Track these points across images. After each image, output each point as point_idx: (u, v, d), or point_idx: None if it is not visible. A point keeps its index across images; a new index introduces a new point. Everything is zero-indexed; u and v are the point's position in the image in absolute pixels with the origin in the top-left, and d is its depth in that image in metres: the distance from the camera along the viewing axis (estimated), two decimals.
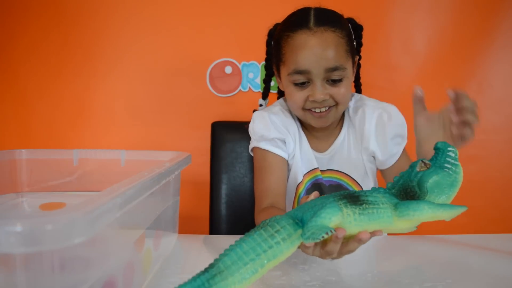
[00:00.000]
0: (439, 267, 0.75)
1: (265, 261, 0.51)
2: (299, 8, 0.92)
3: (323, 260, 0.77)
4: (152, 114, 1.49)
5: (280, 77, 0.94)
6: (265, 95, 1.06)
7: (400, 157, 0.93)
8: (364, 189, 0.94)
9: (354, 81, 1.03)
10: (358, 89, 1.04)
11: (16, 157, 0.87)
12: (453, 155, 0.58)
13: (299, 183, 0.95)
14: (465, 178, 0.61)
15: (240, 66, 1.47)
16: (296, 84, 0.87)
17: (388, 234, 0.91)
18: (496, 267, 0.75)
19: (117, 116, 1.49)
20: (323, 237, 0.49)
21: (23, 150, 0.88)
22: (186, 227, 1.04)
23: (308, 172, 0.95)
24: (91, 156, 0.89)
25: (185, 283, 0.49)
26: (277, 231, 0.53)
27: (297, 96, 0.88)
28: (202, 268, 0.50)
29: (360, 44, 0.97)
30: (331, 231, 0.50)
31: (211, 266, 0.50)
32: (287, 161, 0.96)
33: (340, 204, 0.54)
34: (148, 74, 1.48)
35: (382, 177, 0.99)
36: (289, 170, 0.97)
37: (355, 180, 0.94)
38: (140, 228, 0.60)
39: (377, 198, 0.56)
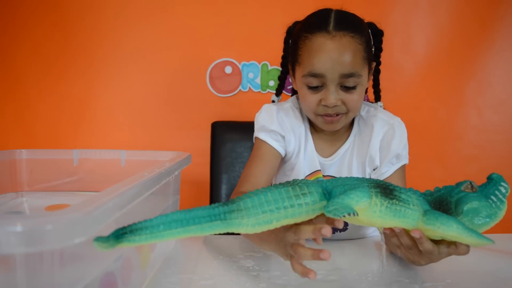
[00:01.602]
0: (439, 267, 0.74)
1: (282, 217, 0.53)
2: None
3: (323, 260, 0.77)
4: (152, 114, 1.49)
5: (294, 77, 0.93)
6: (278, 92, 1.04)
7: (390, 176, 0.91)
8: None
9: (373, 87, 1.01)
10: (377, 95, 1.01)
11: (16, 157, 0.87)
12: (503, 190, 0.57)
13: None
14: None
15: (240, 66, 1.47)
16: (309, 87, 0.86)
17: None
18: (496, 267, 0.75)
19: (118, 116, 1.49)
20: (344, 216, 0.49)
21: (23, 150, 0.88)
22: None
23: (310, 174, 0.95)
24: (91, 156, 0.89)
25: (204, 207, 0.50)
26: (303, 194, 0.53)
27: (310, 99, 0.87)
28: (202, 268, 0.50)
29: (379, 50, 0.95)
30: (354, 213, 0.50)
31: (232, 201, 0.52)
32: (285, 157, 0.96)
33: (372, 192, 0.54)
34: (149, 74, 1.48)
35: None
36: (291, 169, 0.97)
37: None
38: None
39: (410, 198, 0.56)
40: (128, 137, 1.49)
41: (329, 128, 0.91)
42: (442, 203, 0.57)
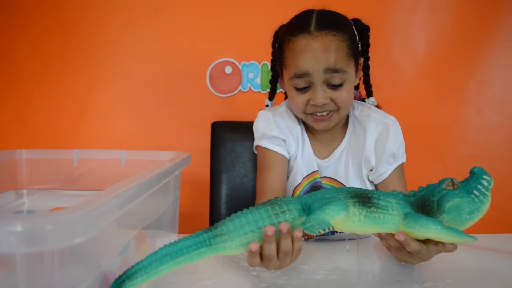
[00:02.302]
0: (439, 267, 0.75)
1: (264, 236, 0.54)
2: (302, 9, 0.92)
3: (323, 260, 0.77)
4: (152, 114, 1.49)
5: (283, 80, 0.94)
6: (271, 96, 1.06)
7: (389, 176, 0.92)
8: None
9: (364, 83, 1.01)
10: (369, 91, 1.02)
11: (16, 157, 0.87)
12: (486, 184, 0.57)
13: (298, 185, 0.95)
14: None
15: (240, 66, 1.46)
16: (297, 89, 0.87)
17: None
18: (496, 267, 0.75)
19: (118, 116, 1.49)
20: (319, 232, 0.51)
21: (23, 150, 0.88)
22: (186, 227, 1.04)
23: (308, 175, 0.95)
24: (91, 156, 0.89)
25: (190, 236, 0.53)
26: (283, 212, 0.55)
27: (298, 100, 0.88)
28: (202, 268, 0.51)
29: (367, 45, 0.96)
30: (328, 228, 0.51)
31: (215, 226, 0.54)
32: (288, 160, 0.96)
33: (349, 203, 0.55)
34: (148, 74, 1.48)
35: None
36: (289, 171, 0.97)
37: None
38: (140, 228, 0.60)
39: (389, 203, 0.56)
40: (128, 137, 1.49)
41: (321, 127, 0.91)
42: (425, 203, 0.57)
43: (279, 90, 1.17)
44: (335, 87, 0.85)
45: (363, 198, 0.56)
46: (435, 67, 1.49)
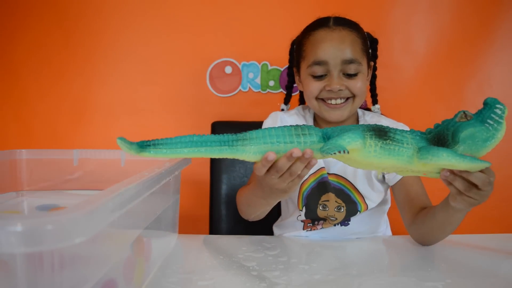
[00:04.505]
0: (439, 267, 0.75)
1: (282, 151, 0.59)
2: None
3: (323, 260, 0.77)
4: (152, 114, 1.49)
5: (300, 75, 0.99)
6: (286, 100, 1.11)
7: (406, 176, 0.93)
8: (366, 200, 0.96)
9: (370, 91, 1.07)
10: (375, 99, 1.07)
11: (17, 157, 0.87)
12: (499, 112, 0.58)
13: (304, 181, 0.96)
14: None
15: (240, 66, 1.46)
16: (314, 77, 0.92)
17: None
18: (496, 267, 0.75)
19: (117, 116, 1.49)
20: (335, 153, 0.54)
21: (23, 150, 0.88)
22: (186, 227, 1.04)
23: (315, 172, 0.96)
24: (91, 156, 0.89)
25: (216, 135, 0.58)
26: (304, 134, 0.59)
27: (314, 86, 0.92)
28: (202, 268, 0.51)
29: (375, 56, 1.02)
30: (344, 151, 0.55)
31: (240, 133, 0.59)
32: None
33: (366, 134, 0.58)
34: (148, 74, 1.48)
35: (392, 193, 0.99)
36: None
37: (357, 190, 0.95)
38: (140, 228, 0.60)
39: (404, 138, 0.58)
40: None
41: (334, 117, 0.93)
42: (440, 137, 0.59)
43: (295, 93, 1.18)
44: (350, 76, 0.91)
45: (380, 132, 0.58)
46: (435, 67, 1.49)
